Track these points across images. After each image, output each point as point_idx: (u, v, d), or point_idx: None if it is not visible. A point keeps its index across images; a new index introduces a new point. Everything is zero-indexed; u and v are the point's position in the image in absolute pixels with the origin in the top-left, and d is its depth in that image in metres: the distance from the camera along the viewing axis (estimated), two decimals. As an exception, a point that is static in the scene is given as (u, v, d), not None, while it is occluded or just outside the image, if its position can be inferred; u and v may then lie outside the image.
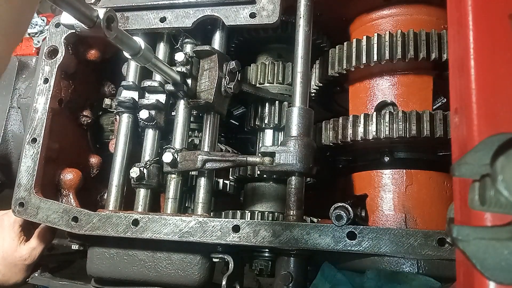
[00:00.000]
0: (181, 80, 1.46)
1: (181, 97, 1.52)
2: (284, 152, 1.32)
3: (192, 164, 1.41)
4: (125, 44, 1.18)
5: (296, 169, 1.31)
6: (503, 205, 0.57)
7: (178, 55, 1.46)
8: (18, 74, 1.81)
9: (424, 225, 1.32)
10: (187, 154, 1.43)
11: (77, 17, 1.01)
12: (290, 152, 1.31)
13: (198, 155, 1.40)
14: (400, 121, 1.32)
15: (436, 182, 1.37)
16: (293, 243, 1.26)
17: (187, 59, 1.47)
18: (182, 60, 1.45)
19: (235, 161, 1.39)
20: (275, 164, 1.32)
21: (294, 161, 1.30)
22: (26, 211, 1.48)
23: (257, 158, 1.36)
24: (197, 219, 1.35)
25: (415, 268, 1.25)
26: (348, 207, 1.23)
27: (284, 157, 1.31)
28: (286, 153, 1.31)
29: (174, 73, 1.43)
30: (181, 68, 1.45)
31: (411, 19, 1.49)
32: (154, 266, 1.44)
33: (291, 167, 1.31)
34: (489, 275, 0.58)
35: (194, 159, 1.40)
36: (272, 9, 1.44)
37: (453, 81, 0.83)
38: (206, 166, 1.40)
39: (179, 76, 1.45)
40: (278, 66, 1.67)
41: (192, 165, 1.41)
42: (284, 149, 1.32)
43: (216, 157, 1.40)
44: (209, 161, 1.40)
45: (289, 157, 1.31)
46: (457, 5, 0.80)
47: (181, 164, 1.43)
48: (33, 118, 1.54)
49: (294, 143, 1.32)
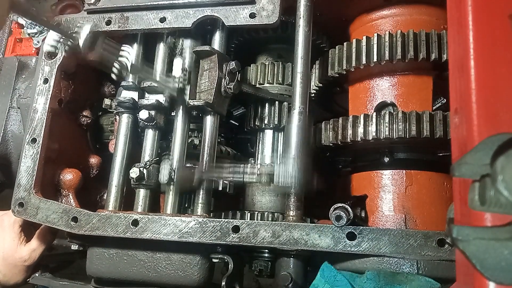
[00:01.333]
0: (179, 90, 1.47)
1: (178, 108, 1.52)
2: (282, 171, 1.31)
3: (189, 182, 1.42)
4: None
5: (295, 190, 1.32)
6: (503, 205, 0.57)
7: (176, 63, 1.46)
8: (18, 74, 1.80)
9: (423, 226, 1.31)
10: (184, 171, 1.44)
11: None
12: (289, 171, 1.31)
13: (195, 172, 1.42)
14: (400, 121, 1.32)
15: (436, 183, 1.37)
16: (293, 243, 1.26)
17: (185, 68, 1.48)
18: (180, 69, 1.46)
19: (232, 179, 1.42)
20: (273, 184, 1.32)
21: (293, 182, 1.30)
22: (26, 211, 1.48)
23: (255, 177, 1.38)
24: (197, 219, 1.35)
25: (414, 268, 1.25)
26: (348, 207, 1.23)
27: (282, 177, 1.31)
28: (285, 172, 1.31)
29: (171, 83, 1.44)
30: (178, 78, 1.46)
31: (411, 19, 1.49)
32: (153, 267, 1.44)
33: (289, 187, 1.32)
34: (489, 275, 0.58)
35: (191, 177, 1.41)
36: (272, 9, 1.44)
37: (453, 81, 0.83)
38: (203, 184, 1.42)
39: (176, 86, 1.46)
40: (278, 67, 1.67)
41: (189, 182, 1.42)
42: (282, 168, 1.32)
43: (213, 174, 1.42)
44: (206, 179, 1.41)
45: (288, 177, 1.30)
46: (457, 5, 0.80)
47: (178, 181, 1.44)
48: (33, 118, 1.54)
49: (292, 162, 1.31)
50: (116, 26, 1.56)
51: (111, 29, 1.57)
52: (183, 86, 1.46)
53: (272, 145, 1.65)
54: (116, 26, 1.56)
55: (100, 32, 1.01)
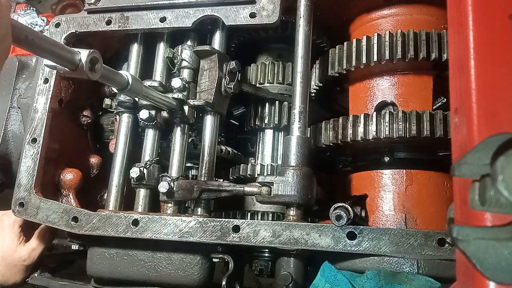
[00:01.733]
0: (177, 106, 1.45)
1: (177, 123, 1.51)
2: (282, 182, 1.29)
3: (189, 194, 1.39)
4: (112, 81, 1.16)
5: (295, 201, 1.29)
6: (503, 205, 0.57)
7: (175, 81, 1.46)
8: (18, 74, 1.81)
9: (424, 225, 1.31)
10: (183, 183, 1.40)
11: (59, 62, 0.98)
12: (289, 183, 1.28)
13: (194, 184, 1.39)
14: (400, 121, 1.32)
15: (436, 182, 1.37)
16: (293, 243, 1.26)
17: (184, 85, 1.46)
18: (179, 86, 1.45)
19: (232, 191, 1.38)
20: (273, 195, 1.30)
21: (293, 192, 1.28)
22: (26, 211, 1.48)
23: (255, 188, 1.33)
24: (197, 219, 1.35)
25: (415, 268, 1.25)
26: (348, 207, 1.23)
27: (282, 188, 1.28)
28: (284, 183, 1.28)
29: (169, 99, 1.42)
30: (177, 95, 1.45)
31: (411, 19, 1.49)
32: (154, 266, 1.44)
33: (289, 198, 1.29)
34: (489, 275, 0.58)
35: (191, 189, 1.39)
36: (272, 9, 1.44)
37: (453, 81, 0.83)
38: (203, 196, 1.39)
39: (175, 102, 1.44)
40: (278, 66, 1.67)
41: (189, 195, 1.40)
42: (282, 180, 1.29)
43: (213, 187, 1.39)
44: (205, 191, 1.39)
45: (288, 188, 1.28)
46: (457, 5, 0.80)
47: (178, 193, 1.40)
48: (33, 118, 1.54)
49: (292, 173, 1.29)
50: (116, 26, 1.56)
51: (111, 29, 1.57)
52: (183, 98, 1.45)
53: (272, 144, 1.65)
54: (116, 26, 1.56)
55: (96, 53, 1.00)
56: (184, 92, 1.46)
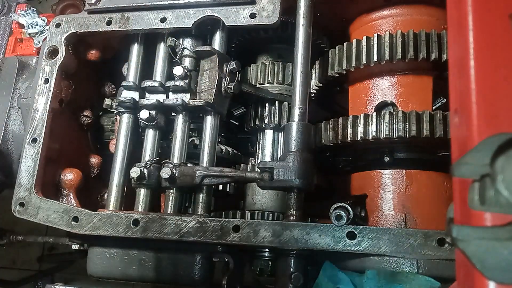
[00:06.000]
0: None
1: (179, 111, 1.52)
2: (282, 167, 1.30)
3: (190, 179, 1.40)
4: None
5: (295, 185, 1.30)
6: (503, 205, 0.57)
7: (177, 69, 1.46)
8: (18, 74, 1.81)
9: (423, 225, 1.32)
10: (185, 169, 1.41)
11: None
12: (289, 168, 1.29)
13: (196, 170, 1.39)
14: (400, 121, 1.32)
15: (435, 182, 1.37)
16: (293, 243, 1.26)
17: (186, 73, 1.47)
18: (181, 74, 1.45)
19: (233, 176, 1.39)
20: (274, 179, 1.31)
21: (293, 177, 1.29)
22: (27, 211, 1.48)
23: (256, 174, 1.35)
24: (197, 219, 1.35)
25: (414, 268, 1.25)
26: (348, 207, 1.23)
27: (283, 173, 1.29)
28: (285, 168, 1.29)
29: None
30: (179, 83, 1.45)
31: (411, 19, 1.49)
32: (154, 266, 1.44)
33: (290, 183, 1.30)
34: (489, 275, 0.58)
35: (192, 175, 1.39)
36: (272, 9, 1.44)
37: (453, 81, 0.83)
38: (205, 181, 1.40)
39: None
40: (278, 66, 1.67)
41: (190, 181, 1.40)
42: (282, 165, 1.30)
43: (214, 173, 1.39)
44: (207, 177, 1.39)
45: (288, 173, 1.29)
46: (457, 5, 0.80)
47: (179, 179, 1.41)
48: (34, 118, 1.54)
49: (293, 158, 1.30)
50: (117, 26, 1.57)
51: (112, 29, 1.57)
52: (185, 85, 1.46)
53: (272, 145, 1.65)
54: (117, 26, 1.57)
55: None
56: (186, 79, 1.46)
